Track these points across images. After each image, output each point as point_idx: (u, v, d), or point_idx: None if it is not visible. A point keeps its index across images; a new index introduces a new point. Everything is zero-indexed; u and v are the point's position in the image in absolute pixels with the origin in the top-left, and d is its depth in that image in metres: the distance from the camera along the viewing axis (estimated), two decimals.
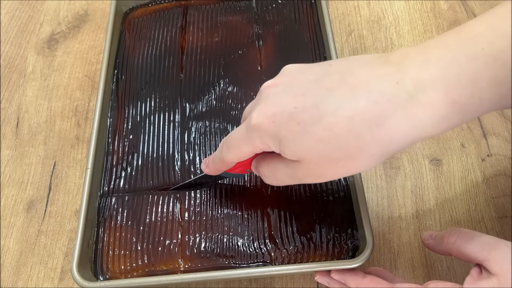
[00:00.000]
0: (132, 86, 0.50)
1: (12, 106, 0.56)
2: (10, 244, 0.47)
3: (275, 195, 0.42)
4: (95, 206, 0.43)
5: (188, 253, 0.40)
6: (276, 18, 0.54)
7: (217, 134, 0.46)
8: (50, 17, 0.64)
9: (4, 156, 0.53)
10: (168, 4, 0.57)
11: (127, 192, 0.44)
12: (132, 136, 0.47)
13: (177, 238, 0.41)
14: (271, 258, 0.40)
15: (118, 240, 0.41)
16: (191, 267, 0.40)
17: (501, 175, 0.48)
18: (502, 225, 0.45)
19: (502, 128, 0.50)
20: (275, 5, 0.55)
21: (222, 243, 0.40)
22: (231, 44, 0.52)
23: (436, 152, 0.49)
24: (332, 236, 0.40)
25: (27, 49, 0.61)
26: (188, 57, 0.52)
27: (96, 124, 0.46)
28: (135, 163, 0.45)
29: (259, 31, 0.53)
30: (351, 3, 0.61)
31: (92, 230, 0.42)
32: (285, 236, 0.40)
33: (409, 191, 0.47)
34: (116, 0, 0.55)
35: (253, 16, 0.54)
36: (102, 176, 0.45)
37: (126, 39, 0.54)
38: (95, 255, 0.41)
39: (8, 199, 0.50)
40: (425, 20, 0.59)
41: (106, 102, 0.48)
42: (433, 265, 0.43)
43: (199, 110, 0.48)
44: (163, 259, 0.40)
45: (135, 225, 0.42)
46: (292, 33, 0.52)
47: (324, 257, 0.40)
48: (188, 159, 0.45)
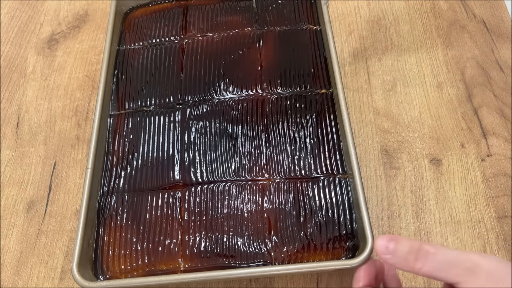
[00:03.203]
0: (132, 86, 0.50)
1: (12, 106, 0.56)
2: (10, 244, 0.47)
3: (275, 195, 0.42)
4: (95, 206, 0.43)
5: (188, 253, 0.40)
6: (276, 18, 0.54)
7: (217, 135, 0.46)
8: (50, 17, 0.64)
9: (4, 156, 0.53)
10: (168, 4, 0.57)
11: (127, 191, 0.44)
12: (132, 136, 0.47)
13: (177, 237, 0.41)
14: (271, 258, 0.40)
15: (118, 240, 0.41)
16: (191, 267, 0.40)
17: (501, 175, 0.48)
18: (502, 225, 0.45)
19: (502, 128, 0.50)
20: (275, 5, 0.55)
21: (222, 243, 0.40)
22: (231, 44, 0.52)
23: (436, 152, 0.49)
24: (332, 236, 0.40)
25: (27, 49, 0.61)
26: (189, 57, 0.52)
27: (96, 124, 0.46)
28: (135, 163, 0.45)
29: (259, 31, 0.53)
30: (351, 3, 0.61)
31: (92, 230, 0.42)
32: (285, 236, 0.40)
33: (409, 191, 0.47)
34: (117, 0, 0.55)
35: (253, 16, 0.54)
36: (102, 175, 0.45)
37: (126, 39, 0.54)
38: (95, 255, 0.41)
39: (8, 199, 0.50)
40: (425, 20, 0.59)
41: (106, 102, 0.48)
42: None
43: (200, 110, 0.48)
44: (163, 259, 0.40)
45: (135, 225, 0.42)
46: (292, 33, 0.52)
47: (324, 256, 0.40)
48: (188, 159, 0.45)
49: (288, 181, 0.43)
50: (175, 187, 0.44)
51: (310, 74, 0.49)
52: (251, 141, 0.45)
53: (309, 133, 0.45)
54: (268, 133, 0.45)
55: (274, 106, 0.47)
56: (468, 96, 0.53)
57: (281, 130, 0.45)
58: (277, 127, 0.46)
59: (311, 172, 0.43)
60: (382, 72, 0.55)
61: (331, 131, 0.45)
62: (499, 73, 0.54)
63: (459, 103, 0.52)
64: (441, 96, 0.53)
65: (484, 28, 0.57)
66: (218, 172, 0.44)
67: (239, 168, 0.44)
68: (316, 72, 0.49)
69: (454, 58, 0.56)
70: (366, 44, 0.57)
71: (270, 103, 0.47)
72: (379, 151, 0.50)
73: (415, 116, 0.52)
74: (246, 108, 0.47)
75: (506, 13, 0.58)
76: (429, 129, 0.51)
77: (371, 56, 0.56)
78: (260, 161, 0.44)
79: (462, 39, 0.57)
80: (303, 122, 0.46)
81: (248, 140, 0.45)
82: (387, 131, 0.51)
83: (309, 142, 0.45)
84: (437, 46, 0.57)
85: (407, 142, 0.50)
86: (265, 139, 0.45)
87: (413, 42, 0.57)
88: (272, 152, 0.44)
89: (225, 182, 0.44)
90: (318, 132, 0.45)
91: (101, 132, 0.46)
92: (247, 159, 0.44)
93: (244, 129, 0.46)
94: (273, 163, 0.44)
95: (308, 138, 0.45)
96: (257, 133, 0.46)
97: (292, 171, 0.43)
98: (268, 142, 0.45)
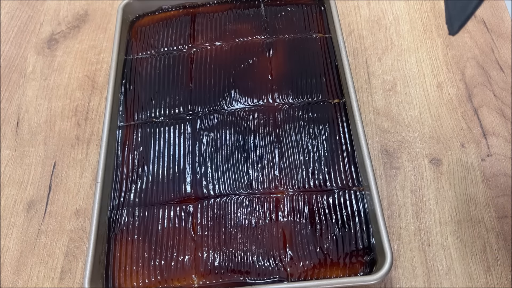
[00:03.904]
0: (141, 96, 0.49)
1: (12, 106, 0.56)
2: (10, 244, 0.47)
3: (290, 209, 0.41)
4: (105, 221, 0.42)
5: (202, 269, 0.39)
6: (285, 26, 0.53)
7: (229, 146, 0.45)
8: (50, 17, 0.64)
9: (4, 156, 0.53)
10: (175, 12, 0.56)
11: (137, 205, 0.43)
12: (142, 148, 0.46)
13: (190, 253, 0.40)
14: (287, 273, 0.39)
15: (130, 256, 0.40)
16: (205, 283, 0.39)
17: (501, 175, 0.48)
18: (502, 225, 0.45)
19: (502, 128, 0.50)
20: (284, 12, 0.54)
21: (237, 259, 0.39)
22: (241, 53, 0.51)
23: (436, 152, 0.49)
24: (349, 251, 0.39)
25: (27, 49, 0.61)
26: (198, 66, 0.51)
27: (105, 136, 0.45)
28: (145, 176, 0.44)
29: (268, 40, 0.52)
30: (351, 3, 0.61)
31: (103, 246, 0.41)
32: (301, 251, 0.39)
33: (409, 191, 0.47)
34: (123, 9, 0.54)
35: (262, 24, 0.53)
36: (112, 189, 0.44)
37: (133, 48, 0.53)
38: (106, 272, 0.40)
39: (8, 199, 0.50)
40: (425, 20, 0.59)
41: (115, 113, 0.47)
42: (433, 265, 0.43)
43: (210, 121, 0.47)
44: (177, 275, 0.39)
45: (147, 240, 0.41)
46: (302, 42, 0.51)
47: (341, 271, 0.39)
48: (199, 171, 0.44)
49: (302, 193, 0.42)
50: (187, 201, 0.43)
51: (322, 83, 0.48)
52: (264, 153, 0.44)
53: (323, 144, 0.44)
54: (281, 144, 0.45)
55: (286, 116, 0.46)
56: (468, 96, 0.53)
57: (294, 141, 0.45)
58: (290, 138, 0.45)
59: (325, 184, 0.42)
60: (382, 72, 0.55)
61: (345, 142, 0.44)
62: (499, 73, 0.54)
63: (459, 103, 0.52)
64: (441, 96, 0.53)
65: (484, 28, 0.57)
66: (231, 185, 0.43)
67: (252, 181, 0.43)
68: (328, 81, 0.48)
69: (454, 58, 0.56)
70: (366, 44, 0.57)
71: (282, 113, 0.46)
72: (379, 151, 0.50)
73: (415, 116, 0.52)
74: (257, 118, 0.46)
75: (506, 13, 0.58)
76: (429, 129, 0.51)
77: (371, 56, 0.56)
78: (273, 174, 0.43)
79: (462, 39, 0.57)
80: (316, 133, 0.45)
81: (260, 151, 0.45)
82: (387, 131, 0.51)
83: (322, 153, 0.44)
84: (437, 46, 0.57)
85: (407, 142, 0.50)
86: (277, 150, 0.45)
87: (413, 42, 0.57)
88: (285, 164, 0.44)
89: (238, 195, 0.43)
90: (332, 143, 0.45)
91: (110, 144, 0.45)
92: (260, 171, 0.43)
93: (256, 140, 0.45)
94: (286, 175, 0.43)
95: (322, 149, 0.44)
96: (269, 144, 0.45)
97: (306, 183, 0.43)
98: (280, 153, 0.44)
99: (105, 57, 0.59)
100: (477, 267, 0.43)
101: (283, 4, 0.55)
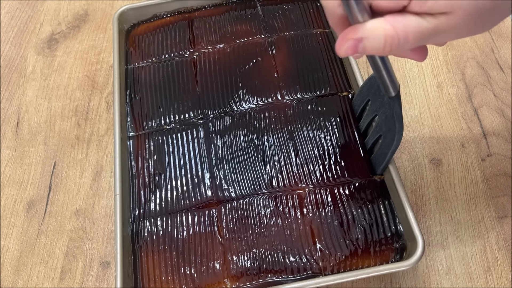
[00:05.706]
0: (148, 105, 0.49)
1: (12, 106, 0.56)
2: (10, 244, 0.47)
3: (314, 203, 0.41)
4: (128, 233, 0.41)
5: (234, 272, 0.39)
6: (284, 24, 0.53)
7: (244, 147, 0.45)
8: (50, 17, 0.64)
9: (4, 156, 0.53)
10: (171, 18, 0.55)
11: (159, 215, 0.42)
12: (156, 157, 0.45)
13: (220, 257, 0.40)
14: (319, 268, 0.39)
15: (158, 266, 0.40)
16: (239, 286, 0.38)
17: (501, 175, 0.48)
18: (502, 225, 0.45)
19: (502, 128, 0.50)
20: (281, 11, 0.54)
21: (267, 258, 0.39)
22: (244, 54, 0.51)
23: (436, 152, 0.49)
24: (378, 239, 0.39)
25: (27, 49, 0.61)
26: (202, 70, 0.51)
27: (117, 147, 0.44)
28: (163, 184, 0.44)
29: (270, 39, 0.52)
30: None
31: (129, 259, 0.40)
32: (330, 244, 0.39)
33: (409, 191, 0.47)
34: (118, 18, 0.53)
35: (261, 23, 0.53)
36: (131, 200, 0.43)
37: (133, 57, 0.52)
38: (135, 285, 0.39)
39: (8, 199, 0.50)
40: None
41: (123, 124, 0.47)
42: (433, 265, 0.43)
43: (222, 123, 0.47)
44: (208, 281, 0.39)
45: (174, 249, 0.40)
46: (303, 38, 0.52)
47: (373, 260, 0.39)
48: (217, 174, 0.44)
49: (324, 187, 0.42)
50: (209, 205, 0.43)
51: (329, 77, 0.48)
52: (279, 150, 0.44)
53: (336, 136, 0.45)
54: (294, 140, 0.45)
55: (296, 111, 0.46)
56: (468, 96, 0.53)
57: (307, 136, 0.45)
58: (302, 133, 0.45)
59: (345, 176, 0.42)
60: None
61: (358, 133, 0.44)
62: (499, 73, 0.54)
63: (459, 103, 0.52)
64: (441, 96, 0.53)
65: None
66: (251, 185, 0.43)
67: (271, 179, 0.43)
68: (334, 75, 0.49)
69: (454, 58, 0.56)
70: None
71: (292, 109, 0.47)
72: None
73: (415, 116, 0.52)
74: (268, 117, 0.46)
75: None
76: (429, 129, 0.51)
77: None
78: (292, 170, 0.43)
79: (462, 39, 0.57)
80: (327, 126, 0.45)
81: (276, 149, 0.44)
82: None
83: (336, 145, 0.44)
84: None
85: (407, 142, 0.50)
86: (292, 146, 0.45)
87: None
88: (301, 159, 0.44)
89: (259, 195, 0.42)
90: (345, 134, 0.45)
91: (122, 155, 0.45)
92: (278, 169, 0.43)
93: (270, 139, 0.45)
94: (304, 170, 0.43)
95: (335, 141, 0.44)
96: (284, 141, 0.45)
97: (325, 177, 0.43)
98: (295, 149, 0.44)
99: (105, 57, 0.59)
100: (477, 267, 0.43)
101: (279, 3, 0.55)
